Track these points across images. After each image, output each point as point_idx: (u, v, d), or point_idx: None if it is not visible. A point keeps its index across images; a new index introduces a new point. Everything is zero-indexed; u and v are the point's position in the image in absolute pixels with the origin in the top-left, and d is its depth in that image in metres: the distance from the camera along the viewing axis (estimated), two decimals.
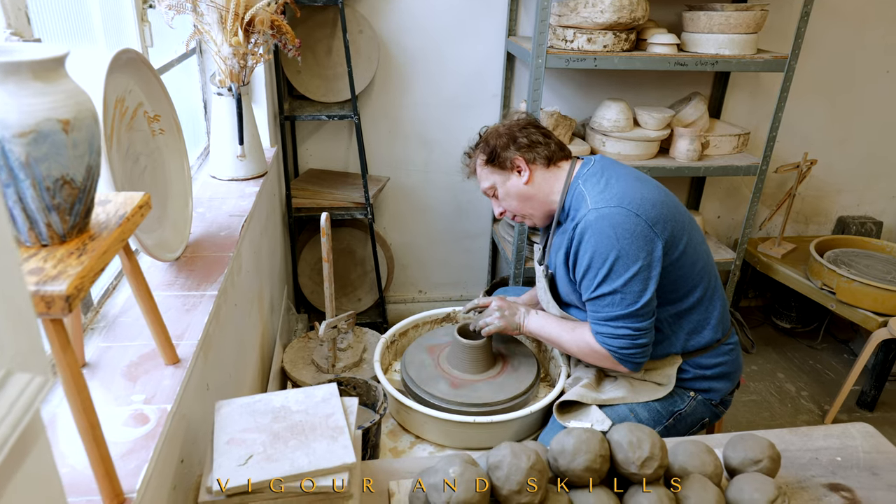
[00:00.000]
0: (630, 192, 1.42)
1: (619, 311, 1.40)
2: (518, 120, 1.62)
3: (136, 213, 0.84)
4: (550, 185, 1.57)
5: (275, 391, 1.73)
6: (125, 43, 1.38)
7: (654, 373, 1.53)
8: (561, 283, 1.59)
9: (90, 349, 1.04)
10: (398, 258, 2.94)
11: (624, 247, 1.37)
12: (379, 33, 2.49)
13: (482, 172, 1.64)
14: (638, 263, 1.38)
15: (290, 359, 1.93)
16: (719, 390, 1.56)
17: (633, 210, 1.39)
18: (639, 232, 1.38)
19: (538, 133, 1.59)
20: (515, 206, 1.62)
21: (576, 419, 1.49)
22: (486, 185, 1.64)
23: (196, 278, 1.26)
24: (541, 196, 1.58)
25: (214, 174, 1.80)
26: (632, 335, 1.41)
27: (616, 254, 1.38)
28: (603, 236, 1.38)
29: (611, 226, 1.38)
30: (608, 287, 1.40)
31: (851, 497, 1.13)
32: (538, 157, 1.56)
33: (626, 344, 1.42)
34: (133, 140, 1.23)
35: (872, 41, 2.83)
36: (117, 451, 0.83)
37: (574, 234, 1.44)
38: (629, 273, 1.38)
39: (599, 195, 1.43)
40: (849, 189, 3.16)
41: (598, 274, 1.40)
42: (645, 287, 1.39)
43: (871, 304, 2.43)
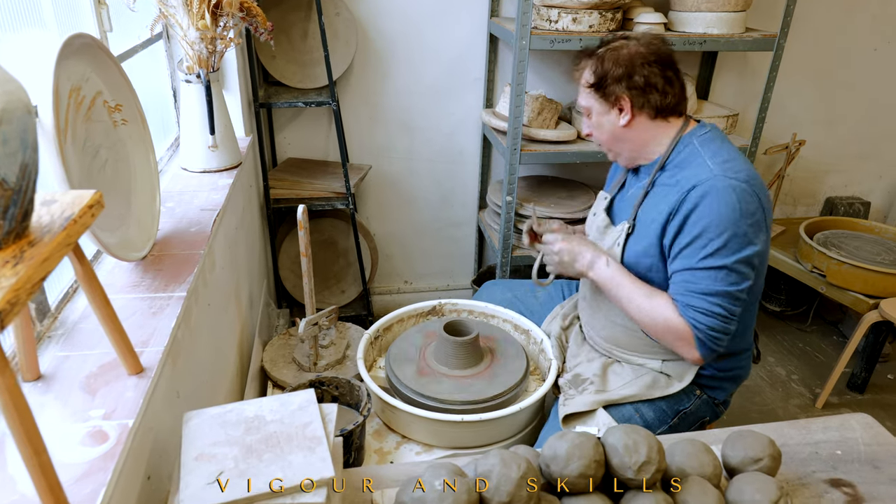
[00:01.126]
0: (754, 174, 1.34)
1: (721, 287, 1.31)
2: (649, 47, 1.41)
3: (86, 213, 0.76)
4: (652, 135, 1.44)
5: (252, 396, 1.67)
6: (80, 28, 1.29)
7: (672, 364, 1.48)
8: (639, 241, 1.44)
9: (46, 359, 0.96)
10: (382, 249, 2.87)
11: (745, 226, 1.29)
12: (356, 16, 2.40)
13: (582, 89, 1.49)
14: (753, 247, 1.31)
15: (270, 357, 1.86)
16: (726, 390, 1.53)
17: (758, 194, 1.32)
18: (759, 218, 1.31)
19: (662, 76, 1.40)
20: (605, 138, 1.50)
21: (581, 423, 1.43)
22: (583, 104, 1.50)
23: (164, 278, 1.19)
24: (637, 143, 1.46)
25: (185, 166, 1.71)
26: (725, 317, 1.32)
27: (735, 230, 1.29)
28: (727, 207, 1.28)
29: (738, 200, 1.29)
30: (719, 261, 1.30)
31: (854, 493, 1.09)
32: (647, 105, 1.41)
33: (717, 325, 1.32)
34: (91, 132, 1.15)
35: (861, 19, 2.78)
36: (72, 475, 0.76)
37: (688, 194, 1.32)
38: (744, 253, 1.30)
39: (724, 164, 1.33)
40: (837, 170, 3.13)
41: (709, 244, 1.30)
42: (750, 273, 1.32)
43: (862, 287, 2.40)
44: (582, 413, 1.46)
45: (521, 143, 2.22)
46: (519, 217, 2.45)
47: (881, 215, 3.29)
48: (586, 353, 1.60)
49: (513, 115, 2.17)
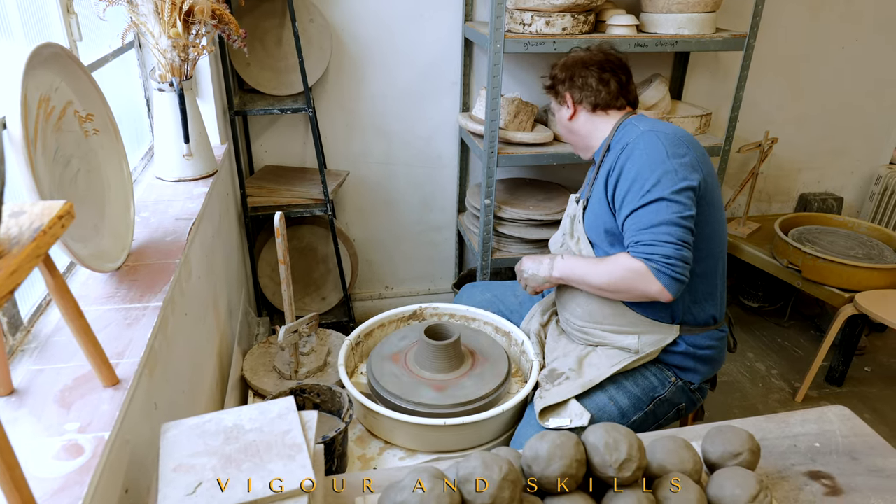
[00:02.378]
0: (682, 132, 1.48)
1: (664, 216, 1.37)
2: (591, 56, 1.64)
3: (56, 224, 0.75)
4: (594, 127, 1.63)
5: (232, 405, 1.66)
6: (49, 37, 1.28)
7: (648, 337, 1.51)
8: (591, 212, 1.58)
9: (19, 373, 0.95)
10: (362, 254, 2.86)
11: (675, 165, 1.39)
12: (331, 22, 2.39)
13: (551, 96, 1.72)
14: (687, 182, 1.38)
15: (250, 366, 1.84)
16: (701, 373, 1.55)
17: (681, 138, 1.44)
18: (687, 160, 1.41)
19: (597, 77, 1.61)
20: (562, 132, 1.73)
21: (555, 415, 1.44)
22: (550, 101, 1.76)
23: (139, 289, 1.17)
24: (582, 133, 1.65)
25: (160, 175, 1.69)
26: (676, 244, 1.35)
27: (665, 167, 1.39)
28: (654, 151, 1.41)
29: (665, 144, 1.42)
30: (655, 194, 1.38)
31: (832, 484, 1.11)
32: (585, 100, 1.62)
33: (668, 251, 1.35)
34: (62, 142, 1.13)
35: (828, 18, 2.83)
36: (47, 490, 0.75)
37: (621, 153, 1.47)
38: (678, 186, 1.38)
39: (653, 125, 1.49)
40: (809, 166, 3.18)
41: (645, 183, 1.39)
42: (691, 205, 1.38)
43: (837, 281, 2.44)
44: (554, 406, 1.46)
45: (498, 146, 2.23)
46: (498, 220, 2.46)
47: (854, 210, 3.35)
48: (563, 347, 1.62)
49: (489, 118, 2.18)
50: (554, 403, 1.46)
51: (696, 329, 1.52)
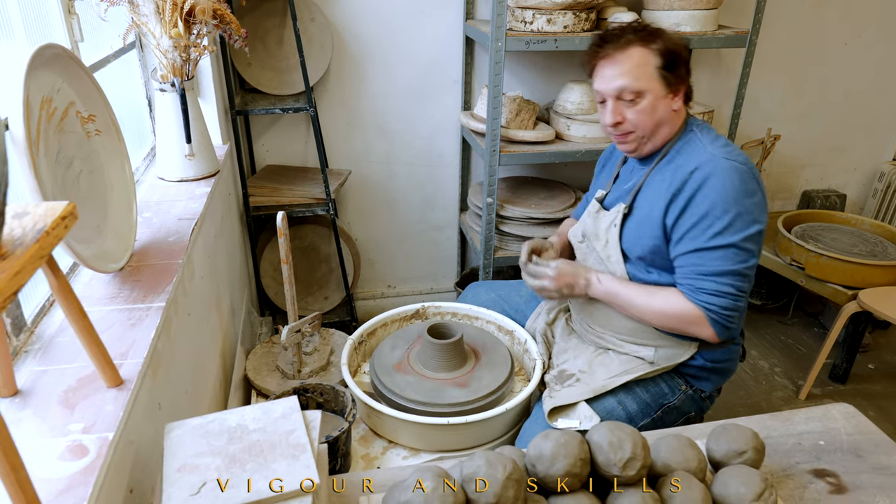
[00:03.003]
0: (745, 156, 1.37)
1: (730, 266, 1.32)
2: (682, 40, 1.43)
3: (59, 224, 0.75)
4: (677, 121, 1.44)
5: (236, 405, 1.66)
6: (51, 38, 1.27)
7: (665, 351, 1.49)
8: (637, 226, 1.46)
9: (23, 375, 0.95)
10: (364, 253, 2.86)
11: (749, 205, 1.32)
12: (331, 21, 2.39)
13: (641, 71, 1.37)
14: (757, 226, 1.33)
15: (253, 366, 1.84)
16: (714, 382, 1.54)
17: (756, 177, 1.35)
18: (759, 199, 1.34)
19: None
20: (648, 126, 1.41)
21: (564, 416, 1.44)
22: (636, 86, 1.37)
23: (142, 289, 1.17)
24: (672, 128, 1.44)
25: (162, 176, 1.69)
26: (735, 295, 1.34)
27: (740, 209, 1.31)
28: (730, 187, 1.31)
29: (740, 180, 1.32)
30: (725, 239, 1.32)
31: (837, 482, 1.10)
32: (689, 90, 1.45)
33: (729, 304, 1.33)
34: (64, 143, 1.13)
35: (830, 14, 2.83)
36: (52, 490, 0.75)
37: (690, 176, 1.35)
38: (750, 231, 1.32)
39: (723, 148, 1.36)
40: (812, 163, 3.17)
41: (716, 223, 1.32)
42: (757, 251, 1.35)
43: (840, 278, 2.43)
44: (564, 406, 1.46)
45: (500, 145, 2.23)
46: (500, 218, 2.46)
47: (857, 207, 3.34)
48: (573, 349, 1.61)
49: (491, 116, 2.17)
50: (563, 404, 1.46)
51: (719, 345, 1.49)
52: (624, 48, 1.38)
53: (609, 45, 1.40)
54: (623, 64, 1.38)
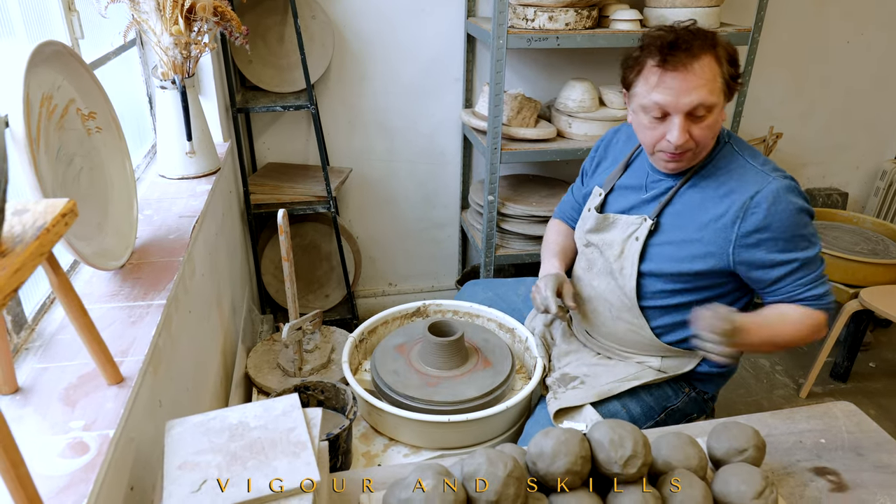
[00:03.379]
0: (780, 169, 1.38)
1: (821, 266, 1.38)
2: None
3: (59, 222, 0.75)
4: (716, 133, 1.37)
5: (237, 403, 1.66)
6: (51, 35, 1.27)
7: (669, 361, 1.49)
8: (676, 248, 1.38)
9: (24, 372, 0.95)
10: (365, 251, 2.86)
11: (808, 211, 1.35)
12: (332, 18, 2.39)
13: (714, 83, 1.26)
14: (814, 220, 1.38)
15: (254, 363, 1.84)
16: (717, 383, 1.54)
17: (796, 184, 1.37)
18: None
19: None
20: (709, 141, 1.32)
21: (569, 418, 1.43)
22: (711, 100, 1.25)
23: (143, 287, 1.17)
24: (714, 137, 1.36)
25: (163, 173, 1.69)
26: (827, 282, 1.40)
27: (806, 218, 1.34)
28: (797, 207, 1.32)
29: (797, 196, 1.33)
30: (812, 251, 1.35)
31: (838, 480, 1.10)
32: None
33: (831, 293, 1.40)
34: (65, 140, 1.13)
35: (832, 12, 2.82)
36: (53, 487, 0.75)
37: (752, 202, 1.30)
38: (814, 227, 1.37)
39: (766, 165, 1.36)
40: (814, 161, 3.17)
41: (801, 242, 1.34)
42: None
43: (842, 277, 2.43)
44: (568, 409, 1.45)
45: (501, 143, 2.22)
46: (501, 216, 2.46)
47: (859, 206, 3.34)
48: (575, 352, 1.60)
49: (492, 114, 2.17)
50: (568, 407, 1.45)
51: None
52: (697, 56, 1.24)
53: (681, 53, 1.24)
54: (699, 76, 1.24)
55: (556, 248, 1.73)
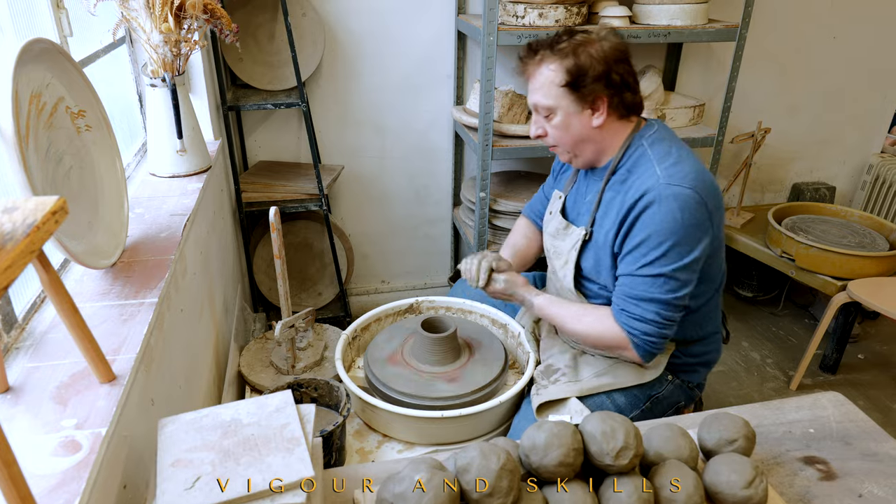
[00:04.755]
0: (701, 176, 1.32)
1: (657, 294, 1.32)
2: (617, 44, 1.36)
3: (49, 219, 0.75)
4: (616, 136, 1.40)
5: (229, 400, 1.66)
6: (39, 33, 1.27)
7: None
8: (596, 251, 1.45)
9: (14, 371, 0.94)
10: (358, 249, 2.86)
11: (686, 234, 1.29)
12: (323, 16, 2.38)
13: (549, 88, 1.37)
14: (693, 255, 1.31)
15: (247, 362, 1.84)
16: (700, 373, 1.54)
17: (703, 196, 1.30)
18: (702, 221, 1.31)
19: (632, 73, 1.38)
20: (567, 142, 1.41)
21: (554, 412, 1.44)
22: (546, 103, 1.38)
23: (134, 285, 1.17)
24: (602, 144, 1.41)
25: (154, 171, 1.69)
26: (660, 323, 1.34)
27: (676, 239, 1.30)
28: (669, 216, 1.29)
29: (679, 208, 1.29)
30: (656, 269, 1.32)
31: (827, 469, 1.12)
32: (621, 104, 1.37)
33: (652, 331, 1.34)
34: (54, 139, 1.13)
35: (819, 8, 2.84)
36: (45, 486, 0.75)
37: (637, 202, 1.32)
38: (683, 261, 1.31)
39: (672, 168, 1.32)
40: (801, 156, 3.19)
41: (649, 253, 1.32)
42: (689, 280, 1.33)
43: (830, 269, 2.45)
44: (554, 402, 1.46)
45: (492, 139, 2.23)
46: (493, 213, 2.46)
47: (846, 199, 3.36)
48: (559, 346, 1.61)
49: (483, 111, 2.17)
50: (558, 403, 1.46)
51: (692, 342, 1.50)
52: (538, 63, 1.38)
53: (526, 58, 1.41)
54: (535, 79, 1.39)
55: (508, 245, 1.82)
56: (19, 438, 0.82)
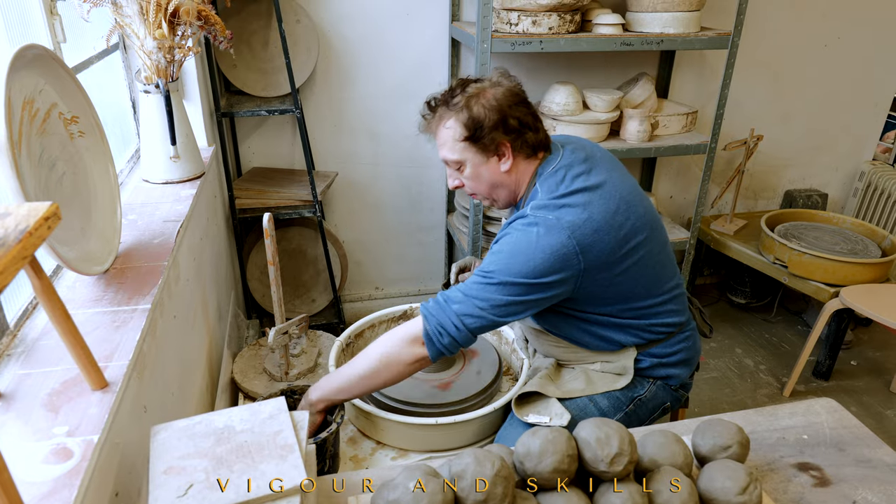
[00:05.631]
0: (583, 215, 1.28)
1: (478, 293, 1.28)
2: (510, 88, 1.36)
3: (42, 225, 0.75)
4: (525, 175, 1.40)
5: (222, 407, 1.65)
6: (32, 39, 1.26)
7: (611, 364, 1.48)
8: None
9: (6, 378, 0.94)
10: (352, 255, 2.85)
11: (532, 258, 1.26)
12: (317, 22, 2.39)
13: (452, 144, 1.38)
14: (534, 280, 1.26)
15: (240, 368, 1.83)
16: (678, 376, 1.52)
17: (568, 230, 1.27)
18: (561, 255, 1.26)
19: (530, 113, 1.37)
20: (482, 189, 1.43)
21: (535, 412, 1.43)
22: (453, 157, 1.40)
23: (127, 291, 1.16)
24: (515, 185, 1.41)
25: (147, 178, 1.68)
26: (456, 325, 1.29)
27: (512, 266, 1.27)
28: (523, 237, 1.27)
29: (526, 238, 1.27)
30: (492, 275, 1.28)
31: (821, 475, 1.12)
32: (525, 145, 1.36)
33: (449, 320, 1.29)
34: (47, 145, 1.12)
35: (810, 17, 2.86)
36: (36, 493, 0.74)
37: (503, 231, 1.34)
38: (512, 279, 1.27)
39: (548, 200, 1.31)
40: (794, 163, 3.21)
41: (493, 259, 1.30)
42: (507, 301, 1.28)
43: (823, 276, 2.46)
44: (536, 402, 1.45)
45: None
46: (487, 219, 2.47)
47: (838, 206, 3.38)
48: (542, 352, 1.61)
49: None
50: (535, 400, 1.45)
51: (653, 343, 1.47)
52: (439, 121, 1.40)
53: (427, 117, 1.43)
54: (439, 137, 1.41)
55: None
56: (10, 446, 0.81)
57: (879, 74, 3.08)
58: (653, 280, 1.42)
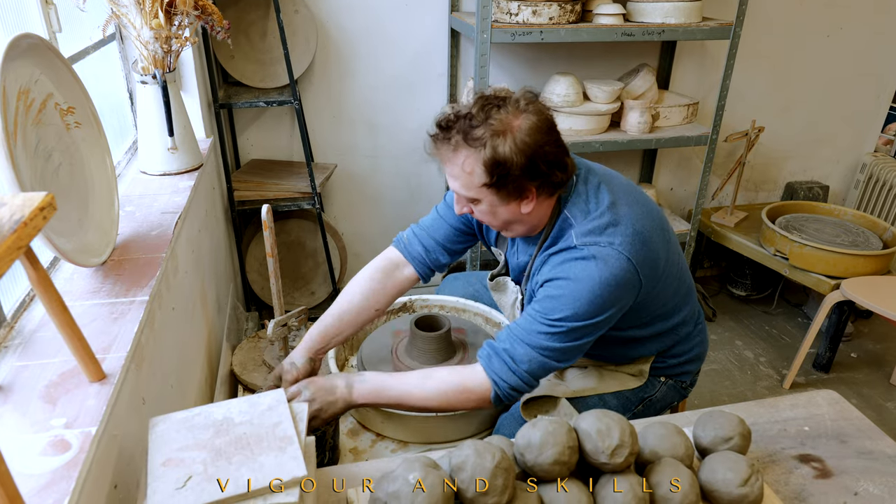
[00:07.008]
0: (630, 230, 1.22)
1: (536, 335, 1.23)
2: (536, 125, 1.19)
3: (37, 215, 0.74)
4: (546, 210, 1.29)
5: (222, 398, 1.64)
6: (27, 28, 1.25)
7: (627, 366, 1.48)
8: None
9: (3, 370, 0.93)
10: (351, 248, 2.84)
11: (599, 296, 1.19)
12: (316, 13, 2.37)
13: (469, 184, 1.21)
14: (600, 317, 1.21)
15: (239, 361, 1.83)
16: (690, 372, 1.53)
17: (626, 253, 1.21)
18: (624, 281, 1.20)
19: (559, 147, 1.22)
20: (496, 224, 1.30)
21: (542, 414, 1.43)
22: (468, 195, 1.24)
23: (125, 283, 1.16)
24: (535, 220, 1.29)
25: (144, 169, 1.67)
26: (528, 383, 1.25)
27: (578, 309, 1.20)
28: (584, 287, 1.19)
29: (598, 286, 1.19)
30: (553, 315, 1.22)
31: (822, 467, 1.11)
32: (550, 185, 1.22)
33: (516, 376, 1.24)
34: (43, 135, 1.11)
35: (813, 7, 2.84)
36: (34, 486, 0.74)
37: (558, 268, 1.24)
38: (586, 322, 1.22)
39: (594, 236, 1.22)
40: (795, 155, 3.20)
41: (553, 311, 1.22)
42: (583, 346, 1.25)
43: (823, 268, 2.45)
44: (545, 404, 1.45)
45: None
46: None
47: (839, 198, 3.37)
48: None
49: None
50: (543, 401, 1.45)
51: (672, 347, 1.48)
52: (453, 151, 1.20)
53: (438, 139, 1.23)
54: (451, 168, 1.23)
55: (335, 312, 1.50)
56: (8, 438, 0.80)
57: (882, 66, 3.06)
58: (680, 277, 1.41)
